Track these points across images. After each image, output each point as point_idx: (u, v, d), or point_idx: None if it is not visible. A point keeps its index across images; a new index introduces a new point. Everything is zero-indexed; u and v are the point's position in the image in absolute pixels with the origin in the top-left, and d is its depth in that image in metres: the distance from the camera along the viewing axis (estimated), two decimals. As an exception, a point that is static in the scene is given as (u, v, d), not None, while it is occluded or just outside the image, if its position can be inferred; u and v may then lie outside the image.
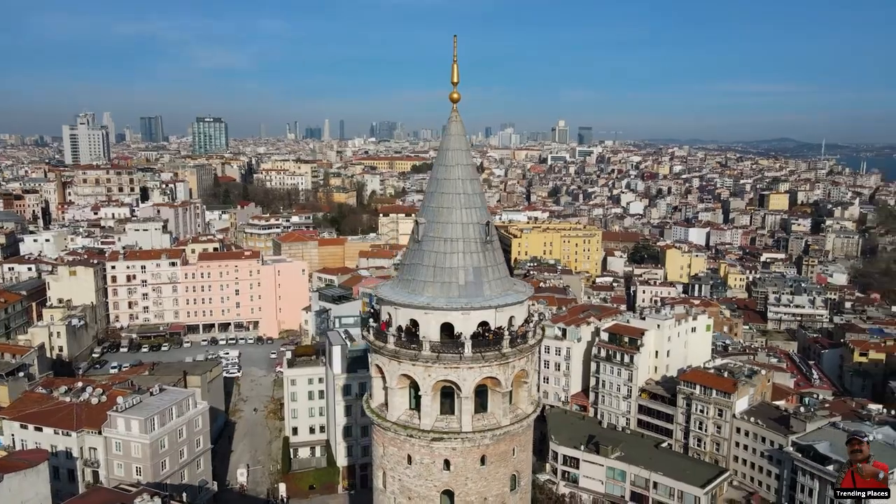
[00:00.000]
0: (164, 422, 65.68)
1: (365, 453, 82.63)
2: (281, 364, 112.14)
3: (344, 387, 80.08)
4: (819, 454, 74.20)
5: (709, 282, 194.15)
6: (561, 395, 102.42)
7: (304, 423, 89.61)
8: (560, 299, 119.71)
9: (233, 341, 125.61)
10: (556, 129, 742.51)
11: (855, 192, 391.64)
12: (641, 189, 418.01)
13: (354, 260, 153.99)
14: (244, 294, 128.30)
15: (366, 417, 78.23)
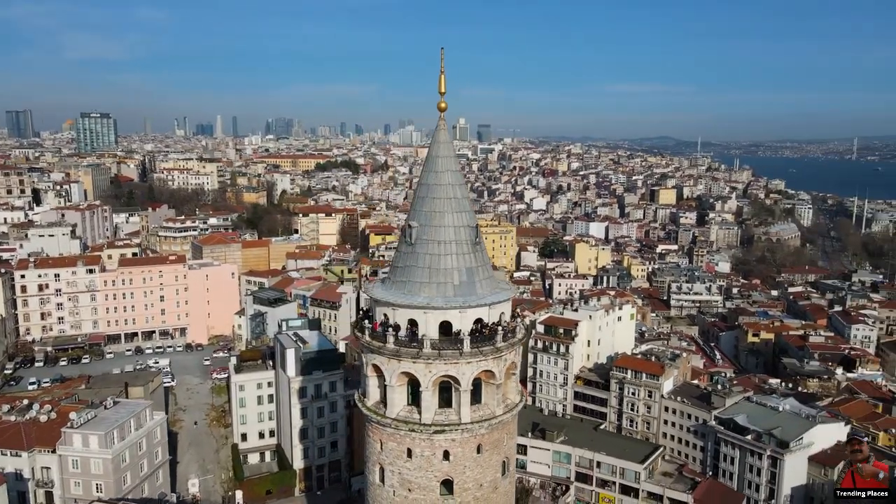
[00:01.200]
0: (124, 435, 63.89)
1: (322, 454, 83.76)
2: (217, 371, 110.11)
3: (300, 389, 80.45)
4: (738, 426, 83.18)
5: (615, 273, 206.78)
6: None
7: (254, 429, 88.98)
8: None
9: (160, 350, 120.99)
10: (457, 126, 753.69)
11: (731, 187, 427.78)
12: (543, 185, 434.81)
13: (279, 262, 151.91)
14: (170, 300, 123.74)
15: (322, 419, 79.89)
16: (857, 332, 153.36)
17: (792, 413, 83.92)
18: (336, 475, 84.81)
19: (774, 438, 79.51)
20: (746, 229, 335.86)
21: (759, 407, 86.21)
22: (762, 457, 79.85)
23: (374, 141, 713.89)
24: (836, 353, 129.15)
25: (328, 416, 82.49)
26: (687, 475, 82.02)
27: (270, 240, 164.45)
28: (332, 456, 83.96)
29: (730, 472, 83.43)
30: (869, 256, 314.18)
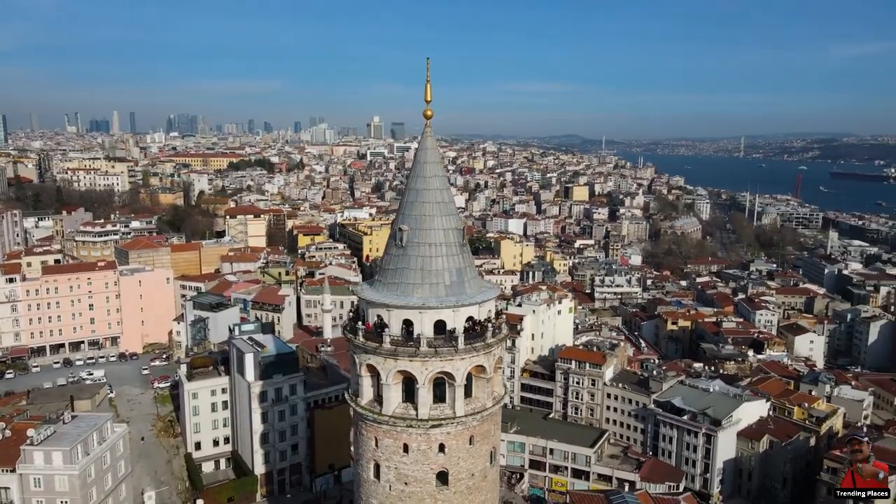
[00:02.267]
0: (88, 450, 61.92)
1: (283, 458, 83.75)
2: (158, 380, 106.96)
3: (260, 394, 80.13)
4: (675, 407, 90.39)
5: (540, 268, 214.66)
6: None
7: (208, 437, 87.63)
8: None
9: (92, 361, 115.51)
10: (372, 124, 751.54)
11: (638, 184, 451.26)
12: (461, 183, 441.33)
13: (211, 265, 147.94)
14: (99, 309, 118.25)
15: (283, 422, 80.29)
16: (761, 317, 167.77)
17: (721, 393, 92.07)
18: (297, 478, 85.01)
19: (708, 417, 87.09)
20: (654, 224, 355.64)
21: (691, 389, 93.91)
22: (698, 435, 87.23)
23: (287, 139, 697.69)
24: (747, 337, 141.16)
25: (289, 419, 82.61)
26: (632, 456, 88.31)
27: (201, 243, 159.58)
28: (293, 459, 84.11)
29: (669, 451, 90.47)
30: (761, 247, 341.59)
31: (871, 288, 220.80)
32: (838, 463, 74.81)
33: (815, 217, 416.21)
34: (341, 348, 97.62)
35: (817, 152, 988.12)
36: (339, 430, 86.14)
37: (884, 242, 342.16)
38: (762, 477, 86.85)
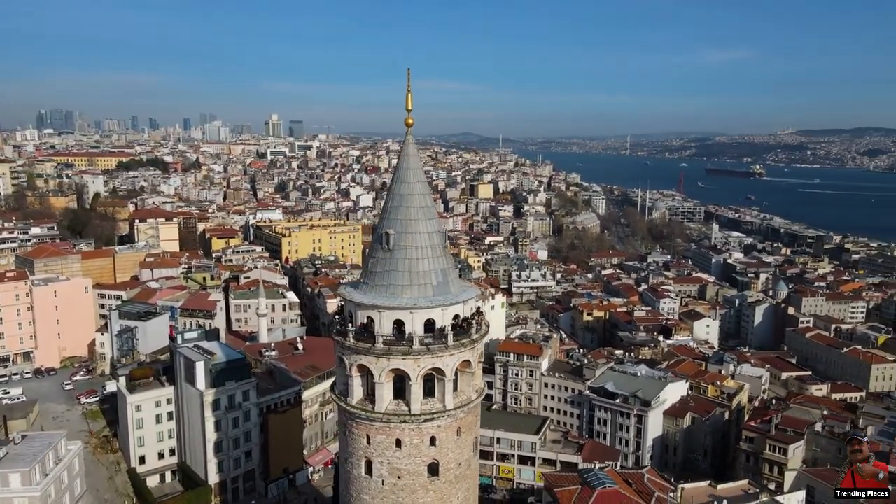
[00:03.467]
0: (46, 470, 59.17)
1: (237, 466, 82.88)
2: (86, 394, 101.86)
3: (213, 402, 78.88)
4: (608, 392, 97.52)
5: (457, 266, 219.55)
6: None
7: (153, 450, 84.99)
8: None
9: (4, 378, 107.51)
10: (270, 122, 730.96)
11: (539, 181, 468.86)
12: (367, 182, 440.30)
13: (126, 272, 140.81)
14: (9, 322, 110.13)
15: (237, 429, 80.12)
16: (664, 305, 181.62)
17: (647, 377, 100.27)
18: (251, 485, 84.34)
19: (638, 400, 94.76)
20: (556, 219, 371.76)
21: (621, 375, 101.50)
22: (630, 416, 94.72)
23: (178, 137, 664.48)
24: (657, 324, 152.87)
25: (242, 425, 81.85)
26: (572, 440, 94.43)
27: (114, 249, 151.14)
28: (246, 466, 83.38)
29: (604, 433, 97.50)
30: (654, 239, 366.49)
31: (752, 275, 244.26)
32: (755, 433, 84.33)
33: (698, 211, 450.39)
34: (286, 352, 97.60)
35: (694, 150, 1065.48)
36: (291, 433, 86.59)
37: (757, 233, 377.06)
38: (686, 450, 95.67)
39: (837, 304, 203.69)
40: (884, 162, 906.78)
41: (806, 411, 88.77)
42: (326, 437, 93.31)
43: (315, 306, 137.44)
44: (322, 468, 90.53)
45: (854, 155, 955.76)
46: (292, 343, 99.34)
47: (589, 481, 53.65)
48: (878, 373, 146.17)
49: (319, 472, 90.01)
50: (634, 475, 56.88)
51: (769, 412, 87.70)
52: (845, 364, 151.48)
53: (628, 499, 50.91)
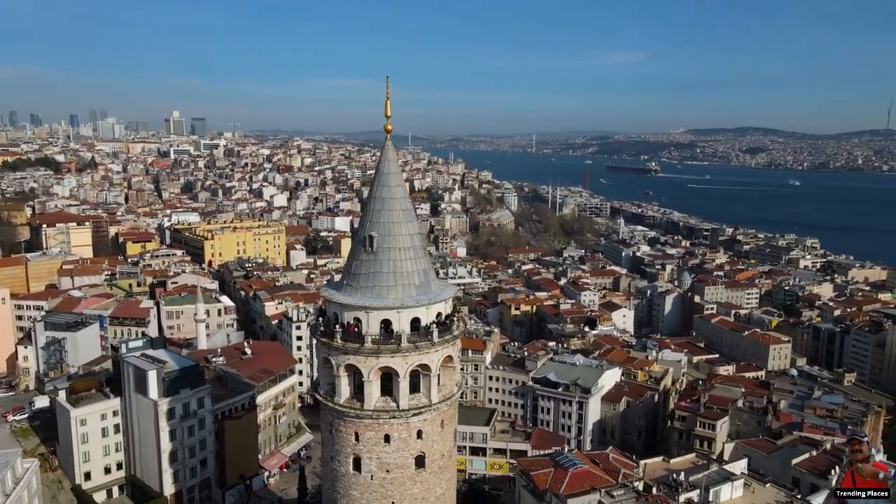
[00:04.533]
0: (6, 490, 56.47)
1: (193, 475, 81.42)
2: (13, 412, 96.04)
3: (168, 411, 77.13)
4: (550, 382, 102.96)
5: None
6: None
7: (99, 465, 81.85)
8: (304, 295, 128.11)
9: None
10: (171, 119, 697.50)
11: (453, 179, 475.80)
12: (281, 182, 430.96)
13: (41, 281, 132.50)
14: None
15: (193, 438, 79.51)
16: (585, 297, 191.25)
17: (585, 366, 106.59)
18: (207, 493, 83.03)
19: (579, 387, 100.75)
20: (472, 217, 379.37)
21: (561, 365, 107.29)
22: (571, 403, 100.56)
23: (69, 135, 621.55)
24: (582, 316, 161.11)
25: (198, 433, 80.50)
26: (519, 429, 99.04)
27: (26, 256, 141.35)
28: (202, 475, 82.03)
29: (547, 421, 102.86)
30: (565, 234, 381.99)
31: (659, 266, 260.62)
32: (686, 412, 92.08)
33: (604, 207, 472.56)
34: (233, 357, 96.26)
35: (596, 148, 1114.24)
36: (247, 439, 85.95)
37: (659, 227, 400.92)
38: (622, 432, 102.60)
39: (735, 291, 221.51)
40: (763, 159, 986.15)
41: (728, 390, 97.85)
42: (280, 440, 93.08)
43: (250, 310, 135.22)
44: (278, 472, 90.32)
45: (738, 153, 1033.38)
46: (239, 348, 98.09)
47: (561, 464, 57.75)
48: (775, 352, 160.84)
49: (275, 476, 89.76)
50: (600, 455, 61.60)
51: (697, 392, 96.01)
52: (746, 346, 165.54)
53: (598, 476, 55.38)
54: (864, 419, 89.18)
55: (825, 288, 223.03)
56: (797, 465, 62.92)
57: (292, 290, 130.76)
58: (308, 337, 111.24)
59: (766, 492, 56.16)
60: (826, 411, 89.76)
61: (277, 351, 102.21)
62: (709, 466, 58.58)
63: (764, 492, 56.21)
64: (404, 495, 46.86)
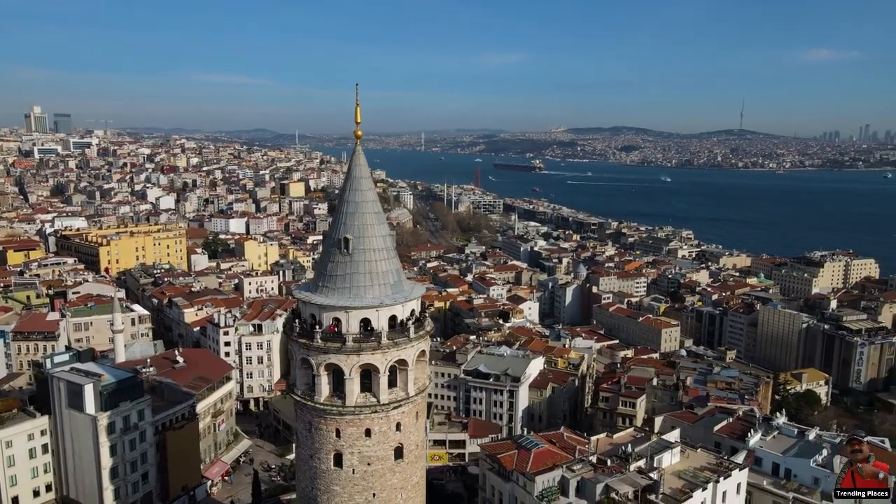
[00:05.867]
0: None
1: (135, 489, 78.64)
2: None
3: (108, 426, 74.09)
4: (482, 373, 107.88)
5: (289, 267, 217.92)
6: (266, 386, 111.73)
7: (27, 488, 77.17)
8: (225, 300, 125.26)
9: None
10: (31, 115, 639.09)
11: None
12: (166, 183, 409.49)
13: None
14: None
15: (134, 451, 78.40)
16: (493, 291, 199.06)
17: (512, 356, 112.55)
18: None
19: (509, 377, 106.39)
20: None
21: (489, 357, 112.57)
22: (502, 392, 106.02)
23: None
24: (495, 310, 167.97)
25: (139, 447, 77.84)
26: (455, 420, 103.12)
27: None
28: (144, 489, 79.34)
29: (479, 410, 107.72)
30: (462, 231, 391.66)
31: (556, 260, 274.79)
32: (609, 393, 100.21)
33: (497, 203, 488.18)
34: (164, 367, 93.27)
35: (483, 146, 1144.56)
36: (189, 449, 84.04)
37: (550, 222, 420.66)
38: (548, 416, 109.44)
39: (625, 280, 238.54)
40: (637, 157, 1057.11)
41: (643, 370, 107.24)
42: (219, 448, 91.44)
43: (165, 318, 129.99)
44: (220, 480, 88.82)
45: (614, 151, 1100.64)
46: (169, 357, 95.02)
47: (524, 445, 62.30)
48: (667, 335, 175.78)
49: (218, 485, 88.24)
50: (554, 435, 66.79)
51: (616, 374, 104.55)
52: (641, 331, 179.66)
53: (558, 454, 60.45)
54: (757, 389, 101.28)
55: (702, 275, 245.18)
56: (718, 431, 71.56)
57: (212, 295, 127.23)
58: (236, 342, 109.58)
59: (699, 456, 63.74)
60: (725, 384, 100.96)
61: (210, 358, 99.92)
62: (648, 438, 65.39)
63: (696, 456, 63.75)
64: (384, 486, 48.91)
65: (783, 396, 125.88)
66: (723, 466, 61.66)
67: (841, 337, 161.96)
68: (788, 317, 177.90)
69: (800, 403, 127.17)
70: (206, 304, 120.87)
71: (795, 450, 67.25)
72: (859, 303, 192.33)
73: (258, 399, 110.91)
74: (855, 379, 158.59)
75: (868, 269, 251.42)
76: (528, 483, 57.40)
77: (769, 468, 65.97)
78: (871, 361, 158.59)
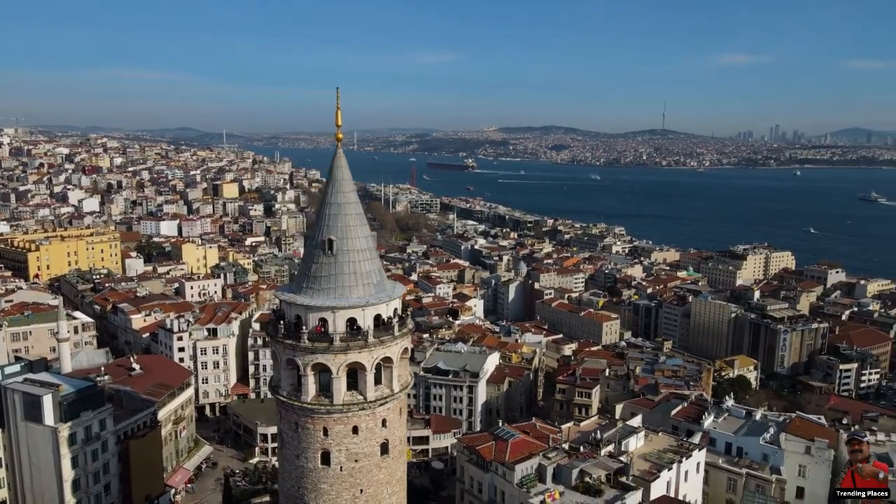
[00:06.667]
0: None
1: (98, 501, 76.28)
2: None
3: (69, 437, 71.68)
4: (441, 370, 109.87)
5: (231, 269, 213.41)
6: (222, 391, 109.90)
7: (-22, 507, 73.53)
8: (177, 304, 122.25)
9: None
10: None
11: (283, 179, 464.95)
12: (88, 184, 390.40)
13: None
14: None
15: (96, 462, 77.17)
16: (440, 290, 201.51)
17: (470, 352, 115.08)
18: (111, 520, 78.24)
19: (468, 373, 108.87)
20: (309, 217, 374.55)
21: (447, 353, 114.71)
22: (462, 388, 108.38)
23: None
24: (444, 308, 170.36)
25: (101, 458, 75.63)
26: (417, 417, 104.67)
27: None
28: (107, 500, 77.11)
29: (440, 407, 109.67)
30: (401, 231, 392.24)
31: (497, 258, 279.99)
32: (566, 384, 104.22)
33: (434, 203, 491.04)
34: (120, 375, 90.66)
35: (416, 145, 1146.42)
36: (152, 458, 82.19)
37: (487, 220, 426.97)
38: (506, 409, 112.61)
39: (564, 276, 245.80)
40: (567, 155, 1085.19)
41: (596, 362, 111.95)
42: (181, 455, 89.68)
43: (108, 325, 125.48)
44: (183, 488, 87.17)
45: (545, 150, 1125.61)
46: (124, 364, 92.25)
47: (500, 436, 64.73)
48: (607, 328, 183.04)
49: (181, 493, 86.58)
50: (527, 426, 69.57)
51: (571, 367, 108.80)
52: (583, 325, 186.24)
53: (534, 443, 63.22)
54: (700, 376, 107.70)
55: (636, 270, 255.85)
56: (675, 416, 76.24)
57: (159, 300, 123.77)
58: (191, 347, 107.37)
59: (661, 439, 67.96)
60: (672, 372, 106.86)
61: (167, 364, 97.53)
62: (614, 425, 69.18)
63: (658, 439, 67.95)
64: (371, 482, 50.18)
65: (719, 382, 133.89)
66: (683, 448, 66.06)
67: (766, 325, 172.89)
68: (718, 307, 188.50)
69: (734, 388, 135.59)
70: (154, 309, 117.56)
71: (745, 430, 72.68)
72: (779, 293, 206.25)
73: (214, 405, 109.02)
74: (779, 364, 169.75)
75: (786, 260, 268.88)
76: (508, 472, 59.85)
77: (722, 447, 71.05)
78: (794, 347, 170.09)
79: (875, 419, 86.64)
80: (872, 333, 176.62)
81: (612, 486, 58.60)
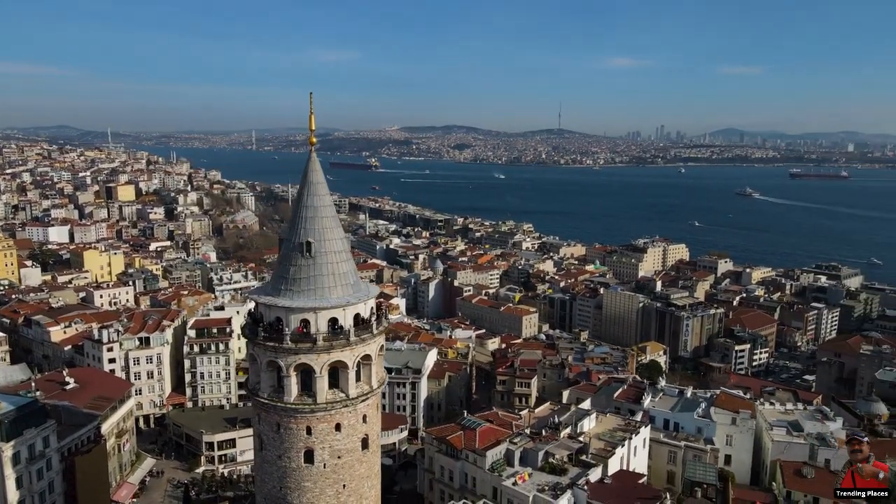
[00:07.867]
0: None
1: (43, 522, 72.46)
2: None
3: (13, 456, 67.70)
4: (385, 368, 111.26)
5: (140, 277, 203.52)
6: (157, 401, 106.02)
7: None
8: (99, 314, 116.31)
9: None
10: None
11: (182, 180, 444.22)
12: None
13: None
14: None
15: (42, 481, 74.96)
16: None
17: (410, 350, 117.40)
18: (56, 541, 74.44)
19: (410, 369, 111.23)
20: (213, 219, 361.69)
21: (389, 352, 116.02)
22: (405, 385, 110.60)
23: None
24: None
25: (46, 476, 71.87)
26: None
27: None
28: (52, 521, 73.42)
29: (384, 404, 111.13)
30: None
31: (413, 257, 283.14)
32: (506, 375, 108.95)
33: (343, 203, 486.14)
34: (53, 390, 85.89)
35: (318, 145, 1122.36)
36: (98, 473, 78.81)
37: (397, 220, 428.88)
38: (447, 404, 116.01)
39: (480, 273, 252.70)
40: (469, 154, 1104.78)
41: (532, 353, 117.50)
42: (124, 469, 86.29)
43: (22, 339, 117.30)
44: (129, 503, 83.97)
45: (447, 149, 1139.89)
46: (55, 379, 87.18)
47: (467, 426, 67.73)
48: (527, 322, 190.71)
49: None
50: (490, 415, 73.05)
51: (509, 359, 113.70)
52: (503, 320, 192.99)
53: (499, 430, 66.83)
54: (626, 361, 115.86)
55: (548, 265, 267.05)
56: (617, 398, 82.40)
57: (79, 310, 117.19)
58: (122, 358, 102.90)
59: (609, 419, 73.64)
60: (601, 359, 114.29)
61: (102, 376, 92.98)
62: (567, 409, 74.19)
63: (607, 420, 73.60)
64: (353, 476, 51.90)
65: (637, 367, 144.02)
66: (631, 426, 72.01)
67: (671, 312, 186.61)
68: (627, 298, 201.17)
69: (650, 372, 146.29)
70: (75, 320, 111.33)
71: (679, 406, 79.90)
72: (678, 282, 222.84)
73: (149, 416, 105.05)
74: (683, 348, 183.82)
75: (681, 252, 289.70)
76: (479, 458, 63.05)
77: (661, 424, 77.81)
78: (695, 332, 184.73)
79: (773, 393, 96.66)
80: (761, 317, 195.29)
81: (574, 464, 63.17)
